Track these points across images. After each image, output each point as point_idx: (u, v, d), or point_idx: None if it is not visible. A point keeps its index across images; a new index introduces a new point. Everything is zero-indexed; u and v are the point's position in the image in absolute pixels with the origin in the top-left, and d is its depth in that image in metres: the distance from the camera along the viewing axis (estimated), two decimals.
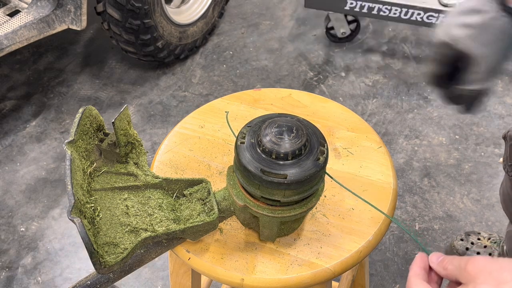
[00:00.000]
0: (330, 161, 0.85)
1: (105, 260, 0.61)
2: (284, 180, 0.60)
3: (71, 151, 0.66)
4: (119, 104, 2.19)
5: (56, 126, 2.09)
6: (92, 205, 0.67)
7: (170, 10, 2.20)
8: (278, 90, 1.00)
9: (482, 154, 1.93)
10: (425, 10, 2.10)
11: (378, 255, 1.62)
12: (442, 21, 0.70)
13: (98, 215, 0.67)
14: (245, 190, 0.67)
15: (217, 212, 0.68)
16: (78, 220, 0.58)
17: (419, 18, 2.14)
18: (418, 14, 2.13)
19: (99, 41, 2.53)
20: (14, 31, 1.82)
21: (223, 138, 0.90)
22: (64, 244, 1.68)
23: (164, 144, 0.90)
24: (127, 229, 0.66)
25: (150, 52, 2.16)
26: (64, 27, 1.95)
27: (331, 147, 0.88)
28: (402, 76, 2.28)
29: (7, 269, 1.62)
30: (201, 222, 0.68)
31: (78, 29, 1.95)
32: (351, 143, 0.89)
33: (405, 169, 1.88)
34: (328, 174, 0.68)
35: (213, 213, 0.68)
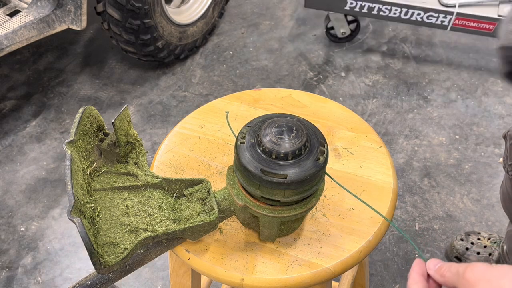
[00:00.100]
0: (330, 161, 0.85)
1: (105, 260, 0.61)
2: (284, 180, 0.60)
3: (71, 151, 0.66)
4: (119, 104, 2.19)
5: (56, 126, 2.09)
6: (92, 205, 0.67)
7: (170, 10, 2.20)
8: (278, 90, 1.00)
9: (482, 154, 1.93)
10: (425, 10, 2.10)
11: (378, 255, 1.62)
12: (499, 29, 0.78)
13: (98, 215, 0.67)
14: (245, 190, 0.67)
15: (217, 212, 0.68)
16: (78, 220, 0.58)
17: (419, 18, 2.14)
18: (418, 14, 2.13)
19: (99, 41, 2.53)
20: (14, 31, 1.82)
21: (223, 138, 0.90)
22: (64, 244, 1.68)
23: (164, 144, 0.90)
24: (127, 229, 0.66)
25: (150, 52, 2.16)
26: (64, 27, 1.95)
27: (331, 147, 0.88)
28: (402, 76, 2.28)
29: (7, 269, 1.62)
30: (201, 222, 0.68)
31: (78, 29, 1.95)
32: (351, 143, 0.89)
33: (405, 169, 1.88)
34: (328, 174, 0.68)
35: (213, 213, 0.68)
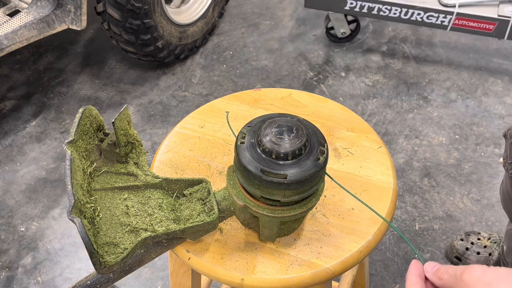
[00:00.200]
0: (330, 161, 0.85)
1: (105, 260, 0.61)
2: (284, 180, 0.60)
3: (71, 151, 0.66)
4: (119, 104, 2.19)
5: (56, 126, 2.09)
6: (92, 205, 0.67)
7: (170, 10, 2.20)
8: (278, 90, 0.99)
9: (482, 154, 1.93)
10: (425, 10, 2.10)
11: (378, 255, 1.62)
12: None
13: (98, 215, 0.67)
14: (245, 190, 0.67)
15: (217, 212, 0.68)
16: (78, 220, 0.58)
17: (419, 18, 2.14)
18: (418, 14, 2.13)
19: (99, 41, 2.53)
20: (14, 31, 1.82)
21: (223, 138, 0.90)
22: (64, 244, 1.68)
23: (164, 144, 0.90)
24: (127, 229, 0.66)
25: (150, 52, 2.16)
26: (64, 27, 1.95)
27: (331, 147, 0.88)
28: (402, 76, 2.28)
29: (7, 269, 1.62)
30: (201, 222, 0.68)
31: (78, 29, 1.95)
32: (351, 143, 0.88)
33: (405, 169, 1.88)
34: (327, 174, 0.68)
35: (213, 213, 0.68)
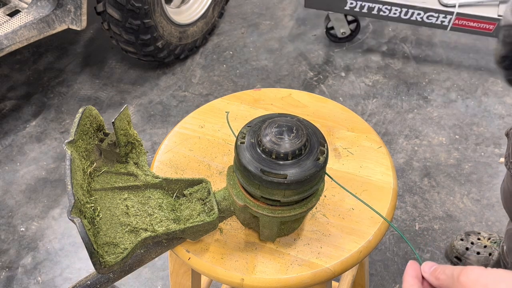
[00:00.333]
0: (330, 161, 0.85)
1: (105, 260, 0.61)
2: (284, 180, 0.60)
3: (71, 151, 0.66)
4: (119, 104, 2.19)
5: (56, 126, 2.09)
6: (92, 205, 0.67)
7: (170, 10, 2.20)
8: (278, 90, 0.99)
9: (482, 154, 1.93)
10: (425, 10, 2.10)
11: (378, 255, 1.62)
12: (507, 7, 0.74)
13: (98, 215, 0.67)
14: (245, 190, 0.67)
15: (217, 212, 0.68)
16: (78, 220, 0.58)
17: (419, 18, 2.14)
18: (418, 14, 2.13)
19: (99, 41, 2.53)
20: (14, 31, 1.82)
21: (223, 138, 0.90)
22: (64, 244, 1.68)
23: (164, 144, 0.90)
24: (127, 229, 0.66)
25: (150, 52, 2.16)
26: (64, 27, 1.95)
27: (331, 147, 0.88)
28: (402, 76, 2.28)
29: (7, 269, 1.62)
30: (201, 222, 0.68)
31: (78, 29, 1.95)
32: (351, 143, 0.88)
33: (405, 169, 1.88)
34: (328, 174, 0.68)
35: (213, 213, 0.68)
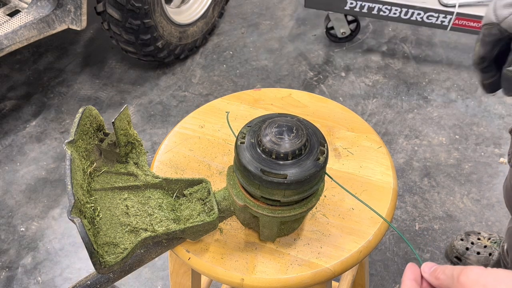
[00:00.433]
0: (330, 161, 0.85)
1: (105, 260, 0.61)
2: (284, 180, 0.60)
3: (71, 151, 0.66)
4: (119, 104, 2.19)
5: (56, 126, 2.09)
6: (92, 205, 0.67)
7: (170, 10, 2.20)
8: (278, 90, 0.99)
9: (482, 154, 1.93)
10: (425, 10, 2.10)
11: (378, 255, 1.62)
12: (489, 4, 0.71)
13: (98, 215, 0.67)
14: (245, 190, 0.67)
15: (217, 212, 0.68)
16: (78, 220, 0.58)
17: (419, 18, 2.14)
18: (418, 14, 2.13)
19: (99, 41, 2.53)
20: (14, 31, 1.82)
21: (223, 138, 0.90)
22: (64, 244, 1.68)
23: (164, 144, 0.90)
24: (127, 229, 0.66)
25: (150, 52, 2.16)
26: (64, 27, 1.95)
27: (331, 147, 0.88)
28: (402, 76, 2.28)
29: (7, 269, 1.62)
30: (201, 222, 0.68)
31: (78, 29, 1.95)
32: (351, 143, 0.88)
33: (405, 169, 1.88)
34: (327, 174, 0.68)
35: (213, 213, 0.68)
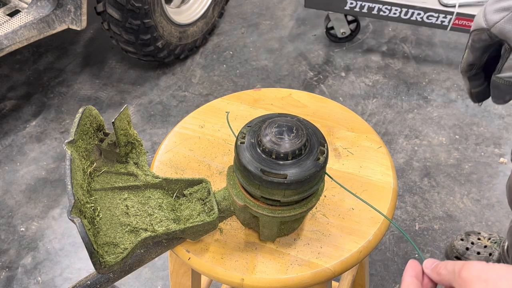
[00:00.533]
0: (330, 161, 0.85)
1: (105, 260, 0.61)
2: (284, 180, 0.60)
3: (71, 151, 0.66)
4: (119, 104, 2.19)
5: (56, 126, 2.09)
6: (92, 205, 0.67)
7: (170, 10, 2.20)
8: (278, 90, 0.99)
9: (482, 154, 1.93)
10: (425, 10, 2.10)
11: (378, 255, 1.62)
12: (479, 11, 0.69)
13: (98, 215, 0.67)
14: (245, 190, 0.67)
15: (217, 212, 0.68)
16: (78, 220, 0.58)
17: (419, 18, 2.14)
18: (418, 14, 2.13)
19: (99, 41, 2.53)
20: (14, 31, 1.82)
21: (223, 138, 0.90)
22: (64, 244, 1.68)
23: (164, 144, 0.90)
24: (127, 229, 0.66)
25: (150, 52, 2.16)
26: (64, 27, 1.95)
27: (331, 147, 0.88)
28: (402, 76, 2.28)
29: (7, 269, 1.62)
30: (201, 222, 0.68)
31: (78, 29, 1.95)
32: (351, 143, 0.88)
33: (405, 169, 1.88)
34: (328, 174, 0.68)
35: (213, 213, 0.68)
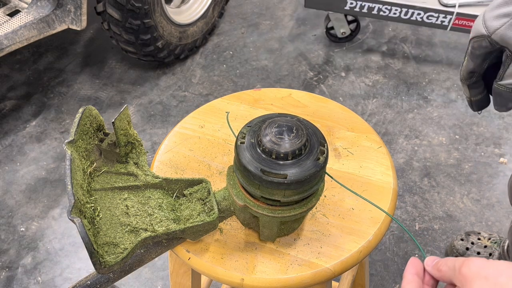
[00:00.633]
0: (330, 161, 0.85)
1: (105, 260, 0.61)
2: (284, 180, 0.60)
3: (71, 151, 0.66)
4: (119, 104, 2.19)
5: (56, 126, 2.09)
6: (92, 205, 0.67)
7: (170, 10, 2.20)
8: (278, 90, 0.99)
9: (482, 154, 1.93)
10: (425, 10, 2.10)
11: (378, 255, 1.62)
12: (478, 18, 0.68)
13: (98, 215, 0.67)
14: (245, 190, 0.67)
15: (217, 212, 0.68)
16: (78, 220, 0.58)
17: (419, 18, 2.14)
18: (418, 14, 2.13)
19: (99, 41, 2.53)
20: (14, 31, 1.82)
21: (223, 138, 0.90)
22: (64, 244, 1.68)
23: (164, 144, 0.90)
24: (127, 229, 0.66)
25: (150, 52, 2.16)
26: (64, 27, 1.95)
27: (331, 147, 0.88)
28: (402, 76, 2.28)
29: (7, 269, 1.62)
30: (201, 222, 0.68)
31: (78, 29, 1.95)
32: (351, 143, 0.88)
33: (405, 169, 1.88)
34: (328, 174, 0.68)
35: (213, 213, 0.68)
